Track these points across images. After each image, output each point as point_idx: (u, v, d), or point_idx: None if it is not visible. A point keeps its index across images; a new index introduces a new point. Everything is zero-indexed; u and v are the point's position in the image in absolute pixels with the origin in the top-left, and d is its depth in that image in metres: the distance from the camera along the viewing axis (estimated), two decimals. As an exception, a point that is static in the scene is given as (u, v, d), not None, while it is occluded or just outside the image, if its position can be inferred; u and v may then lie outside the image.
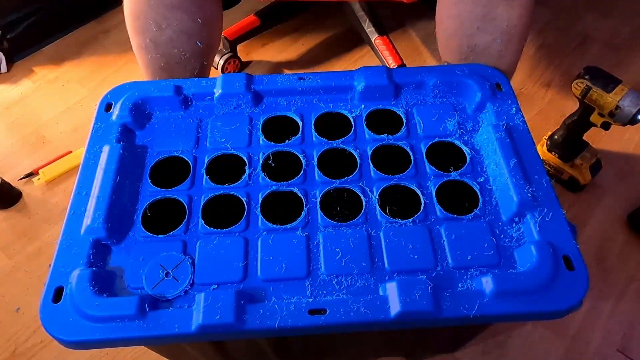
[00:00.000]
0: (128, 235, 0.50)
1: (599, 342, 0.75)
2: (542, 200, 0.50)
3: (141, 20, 0.66)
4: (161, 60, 0.70)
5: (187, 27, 0.67)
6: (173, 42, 0.68)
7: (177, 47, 0.68)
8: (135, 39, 0.69)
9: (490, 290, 0.44)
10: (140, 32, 0.68)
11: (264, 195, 0.53)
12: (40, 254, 0.87)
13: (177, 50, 0.69)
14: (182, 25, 0.66)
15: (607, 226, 0.87)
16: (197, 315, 0.43)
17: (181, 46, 0.68)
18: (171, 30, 0.66)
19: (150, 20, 0.65)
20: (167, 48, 0.68)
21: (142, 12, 0.65)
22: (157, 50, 0.68)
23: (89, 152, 0.55)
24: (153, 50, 0.69)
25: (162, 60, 0.70)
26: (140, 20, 0.66)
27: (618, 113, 0.74)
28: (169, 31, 0.66)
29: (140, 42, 0.69)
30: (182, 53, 0.69)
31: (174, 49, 0.68)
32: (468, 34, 0.62)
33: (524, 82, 1.09)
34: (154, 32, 0.66)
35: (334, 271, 0.47)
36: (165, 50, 0.68)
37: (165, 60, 0.70)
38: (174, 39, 0.67)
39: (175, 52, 0.69)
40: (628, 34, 1.19)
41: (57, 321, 0.44)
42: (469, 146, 0.56)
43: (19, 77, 1.17)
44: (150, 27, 0.66)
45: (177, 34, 0.67)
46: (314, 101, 0.61)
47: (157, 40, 0.67)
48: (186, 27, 0.67)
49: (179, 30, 0.67)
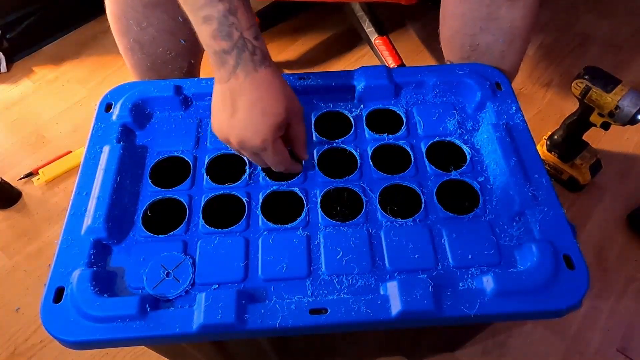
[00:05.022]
0: (129, 235, 0.50)
1: (599, 342, 0.75)
2: (543, 200, 0.50)
3: (122, 21, 0.66)
4: (147, 60, 0.69)
5: (168, 26, 0.66)
6: (157, 42, 0.67)
7: (161, 46, 0.68)
8: (120, 40, 0.69)
9: (491, 289, 0.44)
10: (124, 33, 0.67)
11: (265, 195, 0.53)
12: (40, 254, 0.87)
13: (161, 49, 0.68)
14: (163, 24, 0.66)
15: (607, 226, 0.87)
16: (198, 315, 0.43)
17: (165, 45, 0.68)
18: (153, 29, 0.66)
19: (131, 20, 0.65)
20: (151, 48, 0.68)
21: (123, 13, 0.65)
22: (142, 50, 0.68)
23: (89, 153, 0.55)
24: (138, 50, 0.68)
25: (148, 60, 0.69)
26: (121, 20, 0.66)
27: (618, 113, 0.74)
28: (151, 30, 0.66)
29: (125, 43, 0.68)
30: (167, 52, 0.69)
31: (159, 48, 0.68)
32: (471, 33, 0.62)
33: (524, 82, 1.10)
34: (136, 32, 0.66)
35: (334, 271, 0.47)
36: (149, 50, 0.68)
37: (151, 60, 0.69)
38: (157, 37, 0.67)
39: (160, 51, 0.68)
40: (628, 34, 1.19)
41: (58, 321, 0.44)
42: (469, 145, 0.56)
43: (18, 77, 1.17)
44: (132, 27, 0.65)
45: (160, 33, 0.66)
46: (313, 101, 0.61)
47: (140, 40, 0.67)
48: (168, 26, 0.66)
49: (161, 29, 0.66)
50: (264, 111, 0.48)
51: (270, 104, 0.48)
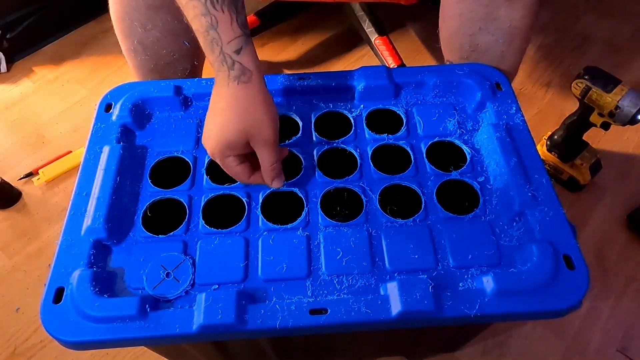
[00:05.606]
0: (128, 235, 0.50)
1: (599, 342, 0.75)
2: (543, 200, 0.50)
3: (126, 22, 0.66)
4: (150, 61, 0.69)
5: (172, 28, 0.66)
6: (160, 43, 0.67)
7: (165, 48, 0.68)
8: (123, 41, 0.69)
9: (491, 289, 0.44)
10: (127, 35, 0.67)
11: (265, 195, 0.53)
12: (40, 254, 0.87)
13: (165, 51, 0.68)
14: (167, 25, 0.66)
15: (607, 226, 0.87)
16: (198, 316, 0.43)
17: (169, 47, 0.68)
18: (157, 31, 0.66)
19: (135, 22, 0.65)
20: (155, 49, 0.68)
21: (127, 14, 0.65)
22: (146, 52, 0.68)
23: (89, 153, 0.55)
24: (141, 52, 0.68)
25: (152, 62, 0.69)
26: (125, 22, 0.66)
27: (618, 113, 0.74)
28: (155, 32, 0.66)
29: (128, 44, 0.68)
30: (170, 54, 0.69)
31: (162, 50, 0.68)
32: (470, 33, 0.62)
33: (524, 82, 1.09)
34: (140, 34, 0.66)
35: (334, 271, 0.47)
36: (153, 51, 0.68)
37: (154, 61, 0.69)
38: (161, 39, 0.67)
39: (163, 52, 0.68)
40: (628, 34, 1.19)
41: (58, 322, 0.44)
42: (469, 146, 0.56)
43: (19, 77, 1.17)
44: (136, 28, 0.66)
45: (164, 35, 0.67)
46: (313, 101, 0.61)
47: (144, 42, 0.67)
48: (172, 28, 0.66)
49: (165, 30, 0.66)
50: (221, 125, 0.48)
51: (228, 120, 0.48)
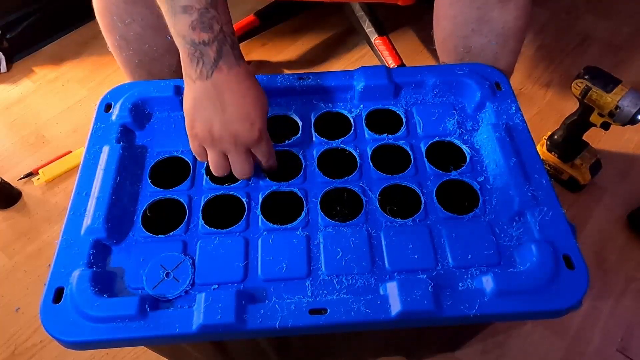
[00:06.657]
0: (128, 235, 0.50)
1: (598, 342, 0.75)
2: (542, 200, 0.50)
3: (107, 17, 0.65)
4: (135, 57, 0.69)
5: (152, 22, 0.65)
6: (142, 38, 0.66)
7: (147, 43, 0.67)
8: (107, 37, 0.68)
9: (491, 289, 0.44)
10: (110, 30, 0.67)
11: (264, 195, 0.53)
12: (40, 254, 0.87)
13: (147, 46, 0.67)
14: (146, 20, 0.64)
15: (607, 226, 0.87)
16: (198, 316, 0.43)
17: (151, 42, 0.67)
18: (137, 26, 0.65)
19: (115, 16, 0.64)
20: (137, 44, 0.67)
21: (107, 9, 0.64)
22: (129, 47, 0.67)
23: (88, 153, 0.55)
24: (125, 47, 0.68)
25: (136, 57, 0.69)
26: (106, 17, 0.65)
27: (618, 113, 0.74)
28: (135, 27, 0.65)
29: (112, 40, 0.68)
30: (153, 49, 0.68)
31: (145, 45, 0.67)
32: (463, 35, 0.62)
33: (524, 82, 1.09)
34: (121, 28, 0.65)
35: (334, 271, 0.47)
36: (136, 46, 0.67)
37: (139, 57, 0.69)
38: (142, 34, 0.66)
39: (146, 47, 0.67)
40: (628, 34, 1.19)
41: (58, 322, 0.44)
42: (468, 145, 0.56)
43: (19, 77, 1.17)
44: (116, 23, 0.65)
45: (144, 29, 0.65)
46: (313, 101, 0.61)
47: (126, 37, 0.66)
48: (151, 22, 0.65)
49: (145, 25, 0.65)
50: (255, 102, 0.48)
51: (258, 95, 0.49)
